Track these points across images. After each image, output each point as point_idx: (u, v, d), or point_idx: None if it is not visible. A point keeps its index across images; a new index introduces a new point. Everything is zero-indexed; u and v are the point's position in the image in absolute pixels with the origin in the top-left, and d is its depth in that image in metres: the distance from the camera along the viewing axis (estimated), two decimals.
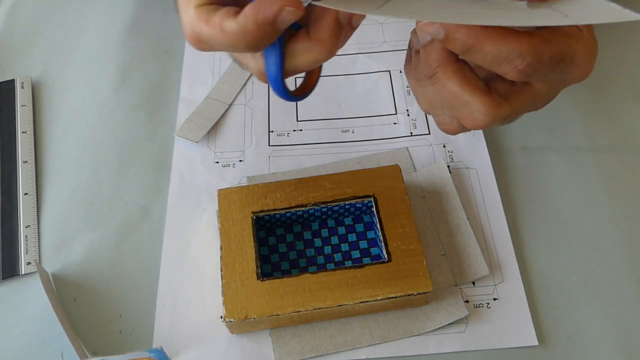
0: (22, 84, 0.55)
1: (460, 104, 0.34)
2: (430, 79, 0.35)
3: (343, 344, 0.40)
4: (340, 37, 0.32)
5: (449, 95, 0.34)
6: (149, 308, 0.43)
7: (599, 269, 0.44)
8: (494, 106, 0.34)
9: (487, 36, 0.31)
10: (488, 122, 0.34)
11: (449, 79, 0.34)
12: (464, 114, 0.35)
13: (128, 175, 0.50)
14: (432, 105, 0.37)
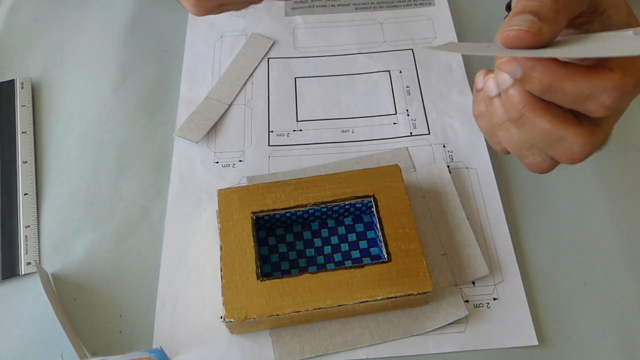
0: (22, 84, 0.55)
1: (555, 140, 0.33)
2: (517, 122, 0.33)
3: (343, 344, 0.40)
4: None
5: (541, 134, 0.33)
6: (149, 308, 0.43)
7: (599, 269, 0.44)
8: (589, 135, 0.32)
9: (565, 75, 0.30)
10: (586, 153, 0.33)
11: (539, 117, 0.32)
12: (560, 151, 0.33)
13: (128, 175, 0.50)
14: (520, 147, 0.35)
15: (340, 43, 0.58)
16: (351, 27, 0.60)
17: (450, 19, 0.59)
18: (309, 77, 0.56)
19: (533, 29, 0.31)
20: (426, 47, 0.32)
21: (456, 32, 0.58)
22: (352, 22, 0.60)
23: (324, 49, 0.57)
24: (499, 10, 0.60)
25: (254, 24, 0.59)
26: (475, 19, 0.60)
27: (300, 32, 0.59)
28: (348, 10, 0.61)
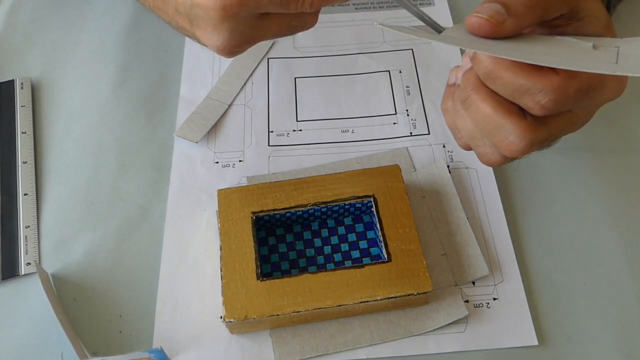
0: (22, 84, 0.55)
1: (495, 127, 0.33)
2: (464, 103, 0.35)
3: (343, 344, 0.40)
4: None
5: (483, 118, 0.34)
6: (149, 308, 0.43)
7: (599, 269, 0.44)
8: (529, 129, 0.33)
9: (508, 65, 0.31)
10: (524, 146, 0.33)
11: (482, 100, 0.33)
12: (499, 139, 0.34)
13: (128, 175, 0.50)
14: (472, 136, 0.36)
15: (340, 43, 0.58)
16: (351, 27, 0.60)
17: (450, 18, 0.59)
18: (309, 77, 0.56)
19: (495, 20, 0.31)
20: (379, 24, 0.33)
21: None
22: (352, 22, 0.60)
23: (324, 49, 0.57)
24: None
25: None
26: None
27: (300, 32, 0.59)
28: (348, 10, 0.61)
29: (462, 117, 0.36)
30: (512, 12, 0.32)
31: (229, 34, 0.35)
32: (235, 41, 0.36)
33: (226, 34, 0.35)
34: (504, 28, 0.32)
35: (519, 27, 0.32)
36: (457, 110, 0.36)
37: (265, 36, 0.37)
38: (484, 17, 0.31)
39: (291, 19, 0.37)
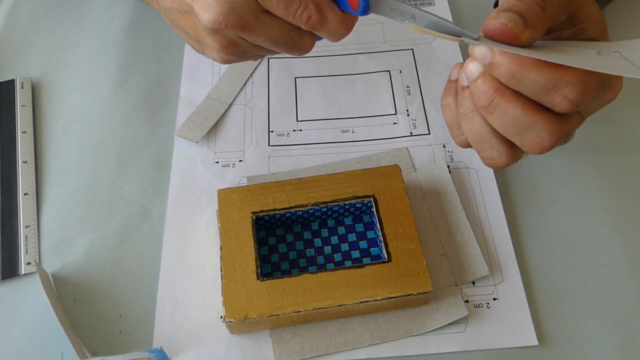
0: (22, 84, 0.55)
1: (525, 127, 0.33)
2: (487, 109, 0.34)
3: (343, 344, 0.40)
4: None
5: (512, 120, 0.33)
6: (149, 308, 0.43)
7: (599, 269, 0.44)
8: (558, 124, 0.33)
9: (533, 64, 0.31)
10: (554, 141, 0.33)
11: (510, 102, 0.33)
12: (529, 138, 0.33)
13: (128, 175, 0.50)
14: (480, 139, 0.36)
15: (340, 43, 0.58)
16: None
17: (451, 18, 0.59)
18: (309, 77, 0.56)
19: (517, 29, 0.31)
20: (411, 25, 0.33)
21: None
22: None
23: (324, 49, 0.57)
24: None
25: None
26: (475, 19, 0.60)
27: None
28: None
29: (470, 120, 0.36)
30: (528, 23, 0.32)
31: (228, 7, 0.35)
32: (232, 19, 0.35)
33: (226, 6, 0.35)
34: (523, 37, 0.32)
35: (533, 39, 0.33)
36: (466, 114, 0.36)
37: (262, 34, 0.36)
38: (508, 24, 0.31)
39: (291, 30, 0.37)
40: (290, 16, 0.35)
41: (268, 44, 0.37)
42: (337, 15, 0.36)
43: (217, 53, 0.39)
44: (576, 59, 0.31)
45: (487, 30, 0.32)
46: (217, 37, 0.37)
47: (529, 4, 0.32)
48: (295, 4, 0.35)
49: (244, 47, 0.38)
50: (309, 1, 0.35)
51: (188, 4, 0.37)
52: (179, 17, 0.39)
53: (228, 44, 0.38)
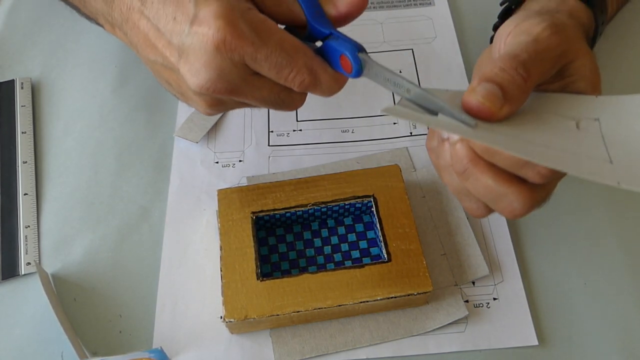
0: (22, 84, 0.55)
1: (497, 196, 0.33)
2: (461, 175, 0.34)
3: (343, 344, 0.40)
4: None
5: (484, 189, 0.33)
6: (149, 308, 0.43)
7: (599, 269, 0.44)
8: (531, 194, 0.33)
9: (486, 167, 0.32)
10: (527, 209, 0.33)
11: (482, 173, 0.33)
12: (501, 206, 0.34)
13: (128, 175, 0.50)
14: (459, 193, 0.37)
15: None
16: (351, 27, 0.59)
17: (451, 18, 0.59)
18: None
19: (495, 107, 0.32)
20: (383, 110, 0.33)
21: (456, 31, 0.58)
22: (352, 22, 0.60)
23: None
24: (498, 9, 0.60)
25: None
26: (475, 19, 0.60)
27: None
28: None
29: (449, 173, 0.36)
30: (508, 97, 0.32)
31: (217, 74, 0.33)
32: (220, 86, 0.34)
33: (214, 73, 0.33)
34: (501, 114, 0.32)
35: (512, 112, 0.33)
36: (444, 167, 0.36)
37: (252, 96, 0.35)
38: (486, 104, 0.32)
39: (281, 91, 0.36)
40: (282, 80, 0.34)
41: (257, 103, 0.37)
42: (330, 75, 0.36)
43: (202, 108, 0.38)
44: (543, 153, 0.31)
45: (466, 104, 0.33)
46: (203, 98, 0.36)
47: (511, 76, 0.32)
48: (287, 69, 0.34)
49: (231, 104, 0.38)
50: (301, 65, 0.34)
51: (173, 63, 0.35)
52: (162, 70, 0.37)
53: (215, 103, 0.37)
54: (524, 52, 0.33)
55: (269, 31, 0.34)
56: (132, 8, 0.36)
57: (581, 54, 0.35)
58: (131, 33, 0.37)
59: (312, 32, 0.37)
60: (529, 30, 0.35)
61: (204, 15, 0.33)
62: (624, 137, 0.32)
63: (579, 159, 0.31)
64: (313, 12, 0.37)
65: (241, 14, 0.33)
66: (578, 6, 0.41)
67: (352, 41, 0.35)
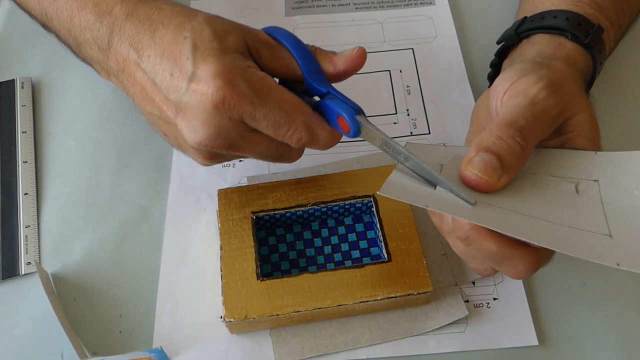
0: (22, 84, 0.55)
1: (501, 260, 0.33)
2: (465, 241, 0.34)
3: (343, 344, 0.40)
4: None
5: (488, 254, 0.33)
6: (149, 308, 0.43)
7: (599, 269, 0.44)
8: (534, 256, 0.33)
9: (488, 234, 0.32)
10: (532, 272, 0.33)
11: (485, 240, 0.32)
12: (506, 269, 0.34)
13: (128, 175, 0.50)
14: (464, 256, 0.37)
15: (340, 43, 0.58)
16: (351, 27, 0.60)
17: (451, 18, 0.59)
18: None
19: (493, 180, 0.32)
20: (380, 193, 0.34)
21: (456, 31, 0.58)
22: (352, 22, 0.60)
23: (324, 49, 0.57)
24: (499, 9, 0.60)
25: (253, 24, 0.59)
26: (475, 18, 0.60)
27: (300, 32, 0.59)
28: (348, 10, 0.61)
29: (454, 239, 0.36)
30: (506, 166, 0.32)
31: (214, 132, 0.34)
32: (218, 143, 0.34)
33: (212, 131, 0.34)
34: (499, 185, 0.32)
35: (510, 181, 0.33)
36: (447, 232, 0.36)
37: (249, 151, 0.36)
38: (483, 178, 0.32)
39: (279, 145, 0.36)
40: (280, 137, 0.35)
41: (254, 157, 0.37)
42: (328, 132, 0.36)
43: (199, 160, 0.39)
44: (542, 230, 0.31)
45: (463, 178, 0.33)
46: (201, 152, 0.36)
47: (509, 145, 0.32)
48: (284, 128, 0.34)
49: (229, 157, 0.38)
50: (298, 123, 0.34)
51: (170, 117, 0.35)
52: (159, 122, 0.37)
53: (211, 157, 0.37)
54: (522, 117, 0.33)
55: (267, 90, 0.34)
56: (129, 60, 0.36)
57: (580, 109, 0.35)
58: (127, 83, 0.37)
59: (310, 89, 0.37)
60: (525, 91, 0.34)
61: (202, 74, 0.33)
62: (623, 204, 0.32)
63: (578, 236, 0.31)
64: (310, 69, 0.37)
65: (240, 72, 0.33)
66: (575, 50, 0.41)
67: (349, 102, 0.36)
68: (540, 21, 0.43)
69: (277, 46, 0.37)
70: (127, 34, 0.36)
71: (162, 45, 0.35)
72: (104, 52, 0.38)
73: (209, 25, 0.35)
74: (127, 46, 0.36)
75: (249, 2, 0.61)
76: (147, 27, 0.36)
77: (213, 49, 0.34)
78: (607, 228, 0.31)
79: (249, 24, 0.39)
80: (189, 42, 0.34)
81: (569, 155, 0.35)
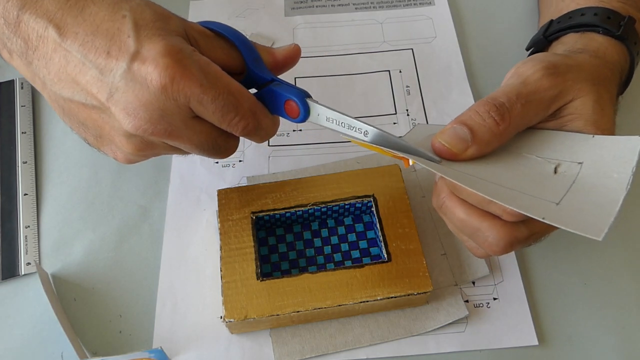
0: (22, 84, 0.55)
1: (472, 230, 0.34)
2: (440, 210, 0.35)
3: (343, 344, 0.40)
4: None
5: (459, 222, 0.34)
6: (149, 308, 0.43)
7: (599, 269, 0.44)
8: (507, 230, 0.33)
9: (459, 202, 0.33)
10: (504, 245, 0.33)
11: (455, 207, 0.34)
12: (478, 240, 0.34)
13: (128, 175, 0.50)
14: (455, 232, 0.38)
15: (340, 43, 0.58)
16: (351, 27, 0.60)
17: (450, 18, 0.59)
18: (309, 77, 0.55)
19: (457, 148, 0.33)
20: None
21: (456, 31, 0.58)
22: (352, 22, 0.60)
23: (323, 49, 0.57)
24: (499, 9, 0.60)
25: (254, 24, 0.59)
26: (475, 18, 0.60)
27: (300, 32, 0.59)
28: (348, 10, 0.61)
29: (442, 213, 0.37)
30: (477, 139, 0.33)
31: (158, 115, 0.31)
32: (159, 128, 0.32)
33: (155, 114, 0.31)
34: (466, 155, 0.33)
35: (482, 153, 0.34)
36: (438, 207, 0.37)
37: (188, 140, 0.34)
38: (445, 146, 0.33)
39: (218, 136, 0.35)
40: (225, 124, 0.34)
41: (191, 148, 0.35)
42: (270, 120, 0.36)
43: (124, 154, 0.35)
44: (488, 190, 0.31)
45: (432, 145, 0.34)
46: (133, 140, 0.33)
47: (483, 119, 0.33)
48: (231, 113, 0.33)
49: (160, 149, 0.35)
50: (245, 110, 0.33)
51: (101, 101, 0.32)
52: (79, 109, 0.34)
53: (144, 147, 0.34)
54: (504, 95, 0.34)
55: (215, 74, 0.32)
56: (45, 38, 0.32)
57: (583, 93, 0.35)
58: (39, 64, 0.33)
59: (252, 78, 0.37)
60: (521, 73, 0.35)
61: (148, 53, 0.31)
62: (594, 184, 0.32)
63: (525, 198, 0.31)
64: (252, 58, 0.37)
65: (189, 54, 0.32)
66: (607, 43, 0.41)
67: (297, 87, 0.36)
68: (567, 21, 0.43)
69: (214, 36, 0.36)
70: (46, 8, 0.32)
71: (94, 22, 0.31)
72: (10, 26, 0.33)
73: (148, 6, 0.33)
74: (45, 22, 0.32)
75: (248, 2, 0.61)
76: (74, 3, 0.32)
77: (157, 29, 0.31)
78: (560, 199, 0.31)
79: (249, 24, 0.39)
80: (129, 20, 0.31)
81: (562, 138, 0.35)
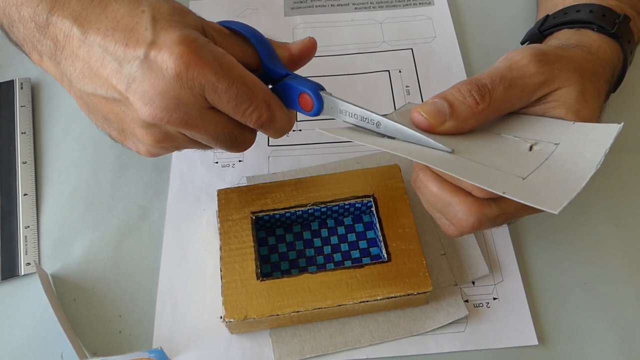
0: (22, 84, 0.55)
1: (443, 205, 0.35)
2: (414, 183, 0.37)
3: (343, 344, 0.40)
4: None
5: (432, 197, 0.35)
6: (149, 308, 0.43)
7: (599, 269, 0.44)
8: (477, 206, 0.33)
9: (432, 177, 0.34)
10: (473, 222, 0.34)
11: (428, 181, 0.35)
12: (449, 216, 0.35)
13: (128, 175, 0.50)
14: (429, 209, 0.38)
15: (340, 43, 0.58)
16: (351, 27, 0.60)
17: (450, 18, 0.59)
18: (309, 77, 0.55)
19: (434, 121, 0.34)
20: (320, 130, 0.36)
21: (455, 31, 0.58)
22: (351, 22, 0.60)
23: (323, 49, 0.57)
24: (498, 9, 0.60)
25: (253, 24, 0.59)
26: (474, 18, 0.60)
27: (300, 32, 0.59)
28: (348, 10, 0.61)
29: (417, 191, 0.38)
30: (455, 115, 0.34)
31: (173, 103, 0.32)
32: (175, 117, 0.32)
33: (170, 102, 0.32)
34: (442, 129, 0.34)
35: (458, 130, 0.34)
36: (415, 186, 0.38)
37: (205, 130, 0.34)
38: (423, 116, 0.34)
39: (234, 128, 0.35)
40: (239, 114, 0.34)
41: (208, 140, 0.35)
42: (285, 114, 0.36)
43: (145, 146, 0.36)
44: (454, 166, 0.31)
45: (412, 117, 0.35)
46: (151, 131, 0.34)
47: (464, 97, 0.34)
48: (245, 103, 0.33)
49: (179, 141, 0.36)
50: (260, 100, 0.34)
51: (121, 92, 0.33)
52: (102, 103, 0.35)
53: (163, 138, 0.35)
54: (487, 77, 0.34)
55: (230, 63, 0.33)
56: (71, 36, 0.34)
57: (569, 83, 0.36)
58: (66, 63, 0.35)
59: (268, 74, 0.37)
60: (509, 57, 0.36)
61: (164, 41, 0.31)
62: (565, 161, 0.32)
63: (491, 173, 0.31)
64: (267, 54, 0.37)
65: (204, 43, 0.32)
66: (601, 40, 0.41)
67: (310, 80, 0.36)
68: (563, 17, 0.44)
69: (230, 34, 0.37)
70: (72, 9, 0.33)
71: (115, 18, 0.33)
72: (40, 29, 0.35)
73: (166, 2, 0.34)
74: (70, 22, 0.33)
75: (248, 2, 0.61)
76: (97, 3, 0.33)
77: (174, 22, 0.32)
78: (528, 174, 0.31)
79: (249, 24, 0.39)
80: (147, 15, 0.32)
81: (543, 122, 0.36)
